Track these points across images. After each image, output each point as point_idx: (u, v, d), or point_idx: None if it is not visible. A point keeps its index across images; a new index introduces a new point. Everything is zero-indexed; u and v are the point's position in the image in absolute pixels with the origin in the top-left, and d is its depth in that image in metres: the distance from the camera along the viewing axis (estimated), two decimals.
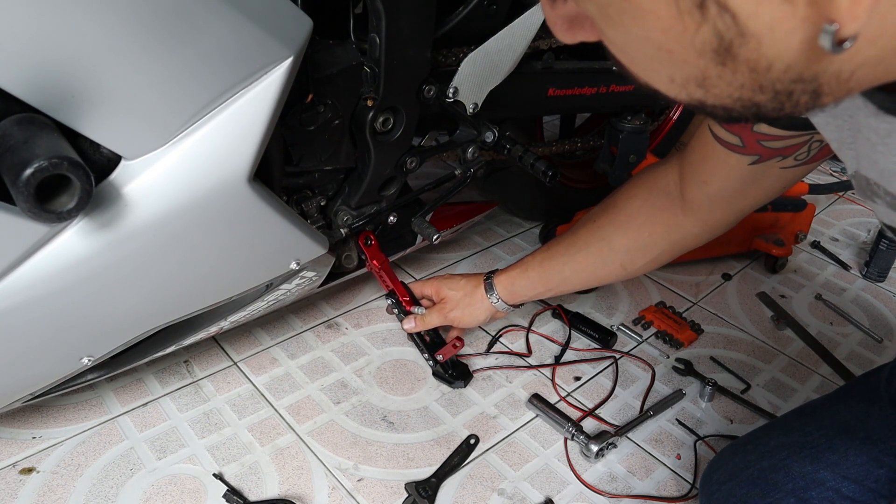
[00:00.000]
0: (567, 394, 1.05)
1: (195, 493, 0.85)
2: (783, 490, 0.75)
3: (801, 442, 0.77)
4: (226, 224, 0.74)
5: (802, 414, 0.81)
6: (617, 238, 0.90)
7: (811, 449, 0.76)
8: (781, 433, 0.80)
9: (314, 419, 0.97)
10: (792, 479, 0.75)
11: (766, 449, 0.79)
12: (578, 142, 1.27)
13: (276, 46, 0.66)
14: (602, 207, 0.93)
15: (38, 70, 0.54)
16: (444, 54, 0.93)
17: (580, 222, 0.95)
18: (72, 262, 0.65)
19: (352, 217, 0.95)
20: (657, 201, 0.87)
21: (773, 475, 0.76)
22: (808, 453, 0.75)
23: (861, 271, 1.40)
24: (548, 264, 0.97)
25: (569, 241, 0.95)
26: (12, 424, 0.93)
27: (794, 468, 0.75)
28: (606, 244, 0.91)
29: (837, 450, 0.75)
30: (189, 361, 1.05)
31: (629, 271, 0.92)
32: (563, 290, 1.01)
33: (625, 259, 0.91)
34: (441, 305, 1.03)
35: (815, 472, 0.74)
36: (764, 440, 0.80)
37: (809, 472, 0.74)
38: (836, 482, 0.73)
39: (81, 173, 0.55)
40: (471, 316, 1.02)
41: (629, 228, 0.89)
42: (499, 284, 1.00)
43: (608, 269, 0.93)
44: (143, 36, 0.58)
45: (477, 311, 1.02)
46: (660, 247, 0.88)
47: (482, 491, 0.89)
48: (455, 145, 1.01)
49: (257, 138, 0.69)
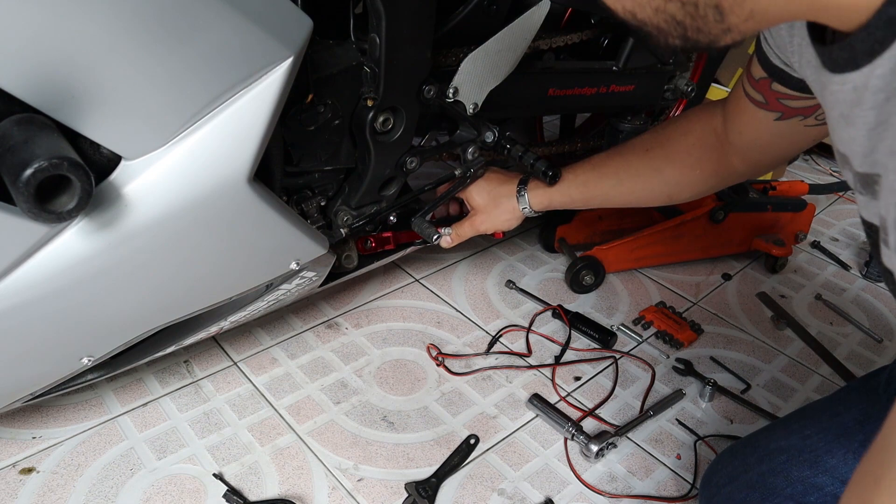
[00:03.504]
0: (567, 394, 1.05)
1: (195, 493, 0.85)
2: (782, 495, 0.75)
3: (799, 445, 0.77)
4: (226, 224, 0.74)
5: (802, 416, 0.81)
6: (669, 170, 0.92)
7: (810, 453, 0.76)
8: (781, 436, 0.80)
9: (314, 419, 0.97)
10: (791, 484, 0.76)
11: (766, 452, 0.79)
12: (578, 142, 1.27)
13: (276, 46, 0.66)
14: (656, 139, 0.94)
15: (38, 70, 0.54)
16: (444, 54, 0.93)
17: (630, 148, 0.96)
18: (72, 262, 0.65)
19: (352, 217, 0.95)
20: (709, 140, 0.89)
21: (772, 479, 0.77)
22: (807, 457, 0.76)
23: (861, 271, 1.40)
24: (593, 185, 0.98)
25: (618, 164, 0.96)
26: (12, 424, 0.93)
27: (793, 473, 0.76)
28: (658, 175, 0.93)
29: (836, 454, 0.75)
30: (189, 361, 1.05)
31: (674, 200, 0.97)
32: (600, 206, 1.04)
33: (673, 190, 0.94)
34: (471, 215, 1.04)
35: (813, 476, 0.75)
36: (764, 443, 0.81)
37: (808, 476, 0.75)
38: (835, 487, 0.74)
39: (81, 173, 0.55)
40: (499, 220, 1.03)
41: (683, 164, 0.91)
42: (533, 198, 1.00)
43: (653, 196, 0.96)
44: (143, 36, 0.58)
45: (505, 216, 1.03)
46: (709, 183, 0.92)
47: (482, 491, 0.89)
48: (455, 145, 1.01)
49: (257, 138, 0.69)
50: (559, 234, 1.35)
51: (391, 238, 1.06)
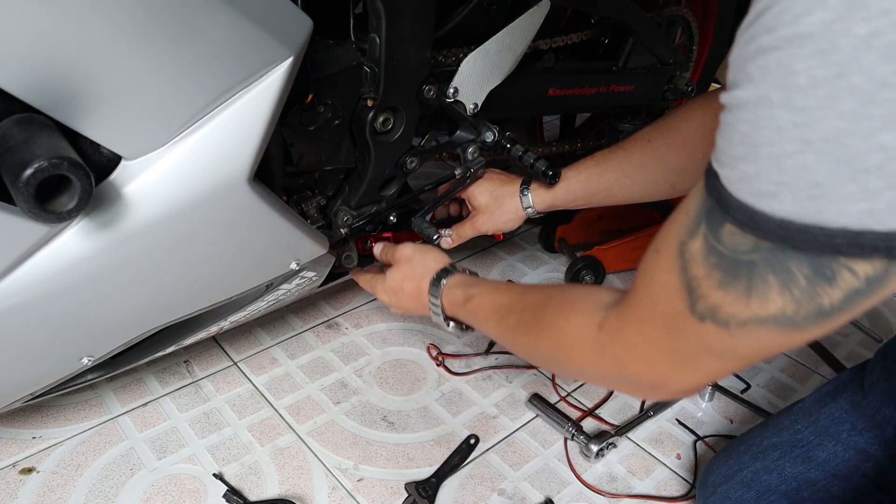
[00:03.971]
0: (567, 394, 1.05)
1: (195, 493, 0.85)
2: (777, 492, 0.76)
3: (791, 441, 0.78)
4: (226, 224, 0.74)
5: (793, 411, 0.83)
6: (672, 158, 0.90)
7: (802, 447, 0.78)
8: (773, 432, 0.81)
9: (314, 419, 0.97)
10: (785, 481, 0.77)
11: (759, 450, 0.80)
12: (578, 142, 1.27)
13: (276, 47, 0.66)
14: (657, 129, 0.93)
15: (38, 70, 0.54)
16: (444, 54, 0.93)
17: (632, 141, 0.94)
18: (72, 262, 0.65)
19: (352, 217, 0.95)
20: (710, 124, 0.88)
21: (766, 477, 0.78)
22: (799, 452, 0.77)
23: None
24: (596, 180, 0.96)
25: (620, 158, 0.94)
26: (12, 424, 0.93)
27: (787, 469, 0.77)
28: (661, 164, 0.91)
29: (826, 447, 0.76)
30: (189, 361, 1.05)
31: (677, 191, 0.94)
32: (604, 203, 1.01)
33: (676, 179, 0.92)
34: (473, 215, 1.02)
35: (806, 472, 0.76)
36: (757, 440, 0.82)
37: (801, 472, 0.76)
38: (827, 481, 0.75)
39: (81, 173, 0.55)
40: (501, 220, 1.01)
41: (685, 150, 0.90)
42: (536, 197, 0.98)
43: (657, 188, 0.94)
44: (143, 35, 0.58)
45: (507, 216, 1.01)
46: None
47: (482, 491, 0.89)
48: (455, 145, 1.01)
49: (257, 138, 0.69)
50: (559, 234, 1.35)
51: (391, 238, 1.06)
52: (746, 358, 0.48)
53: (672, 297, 0.48)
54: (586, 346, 0.59)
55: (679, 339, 0.49)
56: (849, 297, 0.40)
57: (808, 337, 0.44)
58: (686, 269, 0.46)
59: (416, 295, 0.85)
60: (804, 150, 0.36)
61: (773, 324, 0.43)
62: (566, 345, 0.62)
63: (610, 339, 0.56)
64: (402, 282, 0.86)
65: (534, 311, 0.69)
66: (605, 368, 0.57)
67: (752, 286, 0.42)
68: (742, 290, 0.43)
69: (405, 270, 0.86)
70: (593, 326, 0.59)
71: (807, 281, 0.40)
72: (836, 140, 0.35)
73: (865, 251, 0.37)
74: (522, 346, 0.72)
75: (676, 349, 0.50)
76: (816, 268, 0.39)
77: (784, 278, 0.41)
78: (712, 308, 0.45)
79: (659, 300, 0.50)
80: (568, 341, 0.62)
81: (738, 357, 0.48)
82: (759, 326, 0.43)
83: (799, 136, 0.36)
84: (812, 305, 0.41)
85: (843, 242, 0.37)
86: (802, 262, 0.40)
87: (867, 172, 0.35)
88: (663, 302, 0.49)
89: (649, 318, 0.51)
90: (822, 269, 0.39)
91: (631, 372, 0.55)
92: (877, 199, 0.35)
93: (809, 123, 0.35)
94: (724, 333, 0.45)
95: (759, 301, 0.42)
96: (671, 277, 0.47)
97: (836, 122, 0.34)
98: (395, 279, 0.87)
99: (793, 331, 0.43)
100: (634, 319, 0.53)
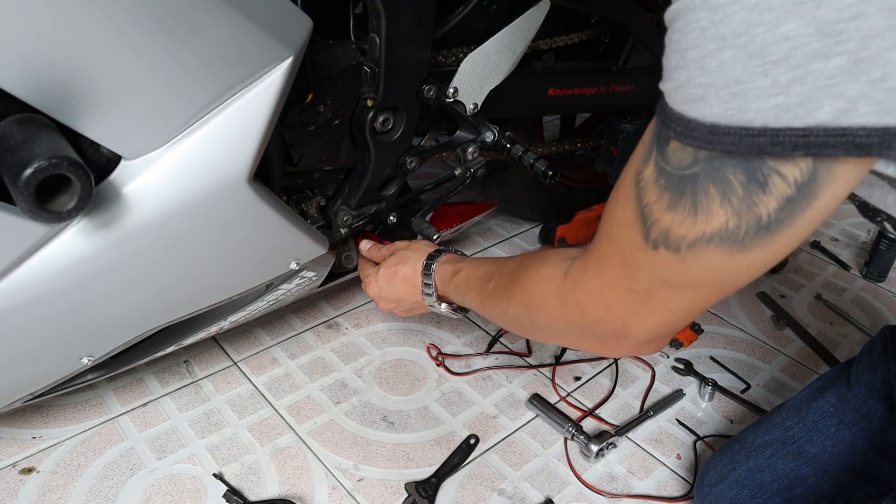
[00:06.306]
0: (567, 394, 1.05)
1: (195, 493, 0.85)
2: (769, 490, 0.77)
3: (782, 438, 0.79)
4: (226, 224, 0.74)
5: (783, 408, 0.83)
6: None
7: (792, 444, 0.78)
8: (765, 430, 0.82)
9: (314, 419, 0.97)
10: (777, 479, 0.78)
11: (752, 448, 0.81)
12: (578, 142, 1.27)
13: (275, 46, 0.66)
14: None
15: (38, 70, 0.54)
16: (444, 54, 0.93)
17: None
18: (72, 262, 0.65)
19: (352, 217, 0.95)
20: None
21: (759, 475, 0.78)
22: (790, 449, 0.78)
23: (861, 271, 1.40)
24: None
25: None
26: (12, 424, 0.93)
27: (779, 466, 0.78)
28: None
29: (815, 442, 0.77)
30: (189, 361, 1.05)
31: None
32: None
33: None
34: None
35: (797, 468, 0.77)
36: (750, 439, 0.82)
37: (792, 469, 0.77)
38: (818, 478, 0.76)
39: (81, 173, 0.55)
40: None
41: None
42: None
43: None
44: (142, 36, 0.58)
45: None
46: None
47: (482, 491, 0.89)
48: (455, 145, 1.01)
49: (257, 138, 0.69)
50: (559, 234, 1.34)
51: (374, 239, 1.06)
52: (697, 287, 0.49)
53: (629, 230, 0.49)
54: (552, 296, 0.60)
55: (635, 273, 0.50)
56: (783, 206, 0.41)
57: (754, 259, 0.45)
58: (640, 197, 0.47)
59: (410, 276, 0.87)
60: (721, 46, 0.38)
61: (719, 241, 0.44)
62: (533, 297, 0.63)
63: (573, 284, 0.57)
64: (397, 265, 0.88)
65: (510, 274, 0.70)
66: (569, 316, 0.58)
67: (697, 201, 0.44)
68: (689, 208, 0.44)
69: (400, 256, 0.89)
70: (559, 276, 0.60)
71: (742, 189, 0.42)
72: (746, 33, 0.37)
73: (786, 148, 0.38)
74: (498, 311, 0.72)
75: (633, 286, 0.51)
76: (749, 172, 0.41)
77: (723, 188, 0.42)
78: (664, 232, 0.46)
79: (617, 237, 0.51)
80: (535, 294, 0.63)
81: (689, 286, 0.49)
82: (706, 245, 0.45)
83: (716, 33, 0.38)
84: (751, 217, 0.42)
85: (766, 141, 0.38)
86: (736, 167, 0.41)
87: (776, 64, 0.36)
88: (621, 238, 0.50)
89: (608, 257, 0.52)
90: (755, 174, 0.41)
91: (591, 319, 0.56)
92: (788, 92, 0.37)
93: (723, 20, 0.37)
94: (676, 258, 0.47)
95: (704, 216, 0.44)
96: (627, 210, 0.49)
97: (745, 14, 0.36)
98: (390, 263, 0.90)
99: (737, 249, 0.44)
100: (595, 261, 0.54)
